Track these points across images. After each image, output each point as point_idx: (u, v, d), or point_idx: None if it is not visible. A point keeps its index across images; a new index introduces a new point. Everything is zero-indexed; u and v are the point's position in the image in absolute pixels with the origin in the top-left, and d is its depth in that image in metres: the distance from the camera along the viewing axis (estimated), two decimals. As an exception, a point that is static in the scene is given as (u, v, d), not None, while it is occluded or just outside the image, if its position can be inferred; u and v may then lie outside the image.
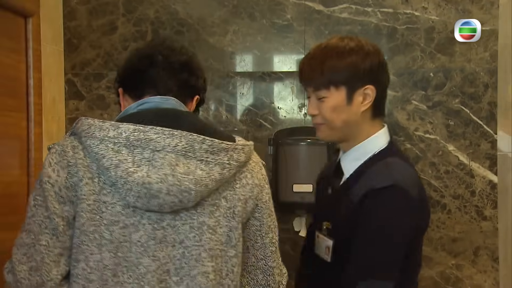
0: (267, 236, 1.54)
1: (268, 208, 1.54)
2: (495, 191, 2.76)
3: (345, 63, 1.66)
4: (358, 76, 1.67)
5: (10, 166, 2.26)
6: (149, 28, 2.86)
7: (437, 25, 2.78)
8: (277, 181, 2.74)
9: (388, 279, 1.62)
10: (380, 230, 1.63)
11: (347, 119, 1.69)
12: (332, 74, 1.67)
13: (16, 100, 2.31)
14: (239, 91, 2.87)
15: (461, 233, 2.78)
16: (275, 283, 1.56)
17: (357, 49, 1.68)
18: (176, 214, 1.43)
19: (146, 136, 1.40)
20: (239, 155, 1.48)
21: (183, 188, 1.38)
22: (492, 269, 2.76)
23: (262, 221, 1.53)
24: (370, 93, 1.68)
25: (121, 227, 1.41)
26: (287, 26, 2.84)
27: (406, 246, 1.66)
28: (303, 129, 2.82)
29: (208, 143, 1.42)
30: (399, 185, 1.61)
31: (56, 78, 2.68)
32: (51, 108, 2.59)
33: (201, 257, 1.43)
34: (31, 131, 2.36)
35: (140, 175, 1.37)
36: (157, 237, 1.42)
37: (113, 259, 1.41)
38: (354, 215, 1.64)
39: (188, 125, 1.44)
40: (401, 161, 1.70)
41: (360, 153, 1.72)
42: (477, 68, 2.77)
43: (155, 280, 1.41)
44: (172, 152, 1.40)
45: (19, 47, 2.33)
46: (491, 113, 2.77)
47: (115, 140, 1.41)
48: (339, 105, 1.68)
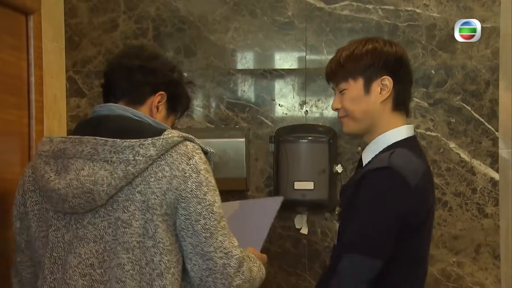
0: (197, 223, 1.61)
1: (196, 196, 1.61)
2: (496, 189, 2.76)
3: (361, 55, 1.80)
4: (374, 67, 1.79)
5: (11, 163, 2.26)
6: (150, 26, 2.86)
7: (439, 23, 2.78)
8: (278, 179, 2.75)
9: (373, 256, 1.67)
10: (369, 207, 1.69)
11: (366, 109, 1.80)
12: (349, 66, 1.80)
13: (17, 98, 2.31)
14: (240, 89, 2.87)
15: (462, 230, 2.78)
16: (216, 266, 1.62)
17: (373, 43, 1.82)
18: (95, 212, 1.60)
19: (64, 146, 1.63)
20: (147, 149, 1.58)
21: (85, 189, 1.56)
22: (493, 266, 2.77)
23: (189, 210, 1.61)
24: (387, 83, 1.79)
25: (54, 230, 1.64)
26: (288, 24, 2.84)
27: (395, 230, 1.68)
28: (304, 127, 2.82)
29: (110, 143, 1.59)
30: (394, 168, 1.68)
31: (57, 76, 2.68)
32: (53, 106, 2.59)
33: (117, 250, 1.58)
34: (32, 129, 2.36)
35: (54, 183, 1.60)
36: (79, 235, 1.61)
37: (49, 258, 1.64)
38: (352, 196, 1.73)
39: (105, 130, 1.63)
40: (409, 152, 1.76)
41: (378, 145, 1.81)
42: (479, 65, 2.77)
43: (77, 274, 1.59)
44: (79, 157, 1.60)
45: (20, 44, 2.33)
46: (493, 110, 2.76)
47: (46, 153, 1.66)
48: (358, 95, 1.81)
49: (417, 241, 1.77)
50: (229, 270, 1.63)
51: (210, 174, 1.67)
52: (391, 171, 1.68)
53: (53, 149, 1.65)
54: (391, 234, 1.68)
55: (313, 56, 2.85)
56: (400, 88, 1.82)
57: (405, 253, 1.73)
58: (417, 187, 1.70)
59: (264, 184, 2.85)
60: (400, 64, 1.83)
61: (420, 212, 1.74)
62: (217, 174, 2.63)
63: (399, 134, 1.81)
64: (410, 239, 1.73)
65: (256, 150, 2.85)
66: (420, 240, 1.79)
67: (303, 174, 2.71)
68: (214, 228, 1.62)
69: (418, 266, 1.81)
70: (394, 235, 1.69)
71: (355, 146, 2.82)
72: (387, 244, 1.69)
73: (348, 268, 1.67)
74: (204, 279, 1.63)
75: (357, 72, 1.80)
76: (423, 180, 1.73)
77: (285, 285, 2.84)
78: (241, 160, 2.73)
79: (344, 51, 1.84)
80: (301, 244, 2.84)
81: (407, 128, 1.84)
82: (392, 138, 1.81)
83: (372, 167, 1.72)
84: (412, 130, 1.86)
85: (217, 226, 1.63)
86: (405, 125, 1.84)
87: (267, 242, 2.80)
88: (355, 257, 1.67)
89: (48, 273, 1.64)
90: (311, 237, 2.83)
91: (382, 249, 1.68)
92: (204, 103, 2.85)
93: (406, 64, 1.85)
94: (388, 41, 1.86)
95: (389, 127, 1.82)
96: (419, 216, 1.74)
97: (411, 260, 1.77)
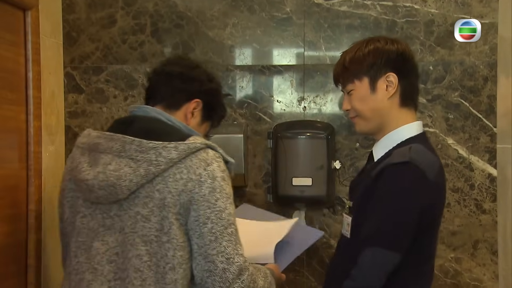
0: (205, 226, 1.70)
1: (207, 201, 1.70)
2: (494, 185, 2.76)
3: (363, 55, 1.84)
4: (377, 65, 1.83)
5: (9, 159, 2.26)
6: (148, 21, 2.85)
7: (437, 19, 2.78)
8: (276, 175, 2.75)
9: (393, 250, 1.72)
10: (390, 201, 1.72)
11: (374, 107, 1.84)
12: (353, 68, 1.85)
13: (15, 94, 2.30)
14: (238, 85, 2.86)
15: (460, 226, 2.79)
16: (216, 269, 1.70)
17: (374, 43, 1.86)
18: (120, 205, 1.73)
19: (98, 141, 1.77)
20: (169, 152, 1.70)
21: (109, 183, 1.69)
22: (491, 262, 2.77)
23: (199, 213, 1.70)
24: (392, 79, 1.83)
25: (81, 216, 1.77)
26: (286, 19, 2.84)
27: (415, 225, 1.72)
28: (302, 123, 2.82)
29: (136, 143, 1.72)
30: (415, 163, 1.71)
31: (55, 72, 2.68)
32: (50, 102, 2.59)
33: (135, 242, 1.70)
34: (30, 125, 2.36)
35: (85, 174, 1.74)
36: (106, 225, 1.74)
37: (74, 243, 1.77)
38: (370, 189, 1.76)
39: (135, 130, 1.77)
40: (425, 148, 1.79)
41: (390, 141, 1.84)
42: (477, 61, 2.77)
43: (104, 261, 1.72)
44: (109, 153, 1.74)
45: (18, 40, 2.33)
46: (491, 106, 2.77)
47: (83, 146, 1.81)
48: (365, 94, 1.85)
49: (430, 236, 1.81)
50: (228, 275, 1.69)
51: (226, 182, 1.74)
52: (412, 166, 1.71)
53: (89, 142, 1.80)
54: (411, 228, 1.72)
55: (311, 52, 2.84)
56: (406, 83, 1.86)
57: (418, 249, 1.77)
58: (435, 182, 1.75)
59: (262, 180, 2.85)
60: (402, 59, 1.86)
61: (436, 208, 1.79)
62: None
63: (412, 130, 1.85)
64: (424, 235, 1.77)
65: (254, 146, 2.85)
66: (432, 236, 1.83)
67: (301, 170, 2.71)
68: (219, 233, 1.70)
69: (427, 262, 1.84)
70: (413, 230, 1.72)
71: (353, 142, 2.82)
72: (407, 238, 1.73)
73: (370, 261, 1.71)
74: (204, 279, 1.71)
75: (361, 72, 1.84)
76: (439, 175, 1.79)
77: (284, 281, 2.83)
78: (239, 156, 2.73)
79: (347, 54, 1.89)
80: (299, 240, 2.84)
81: (418, 124, 1.88)
82: (405, 133, 1.84)
83: (392, 161, 1.75)
84: (421, 127, 1.89)
85: (223, 231, 1.70)
86: (416, 122, 1.88)
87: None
88: (377, 250, 1.71)
89: (72, 256, 1.77)
90: (309, 233, 2.83)
91: (402, 242, 1.72)
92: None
93: (409, 59, 1.88)
94: (390, 39, 1.89)
95: (399, 124, 1.85)
96: (435, 212, 1.79)
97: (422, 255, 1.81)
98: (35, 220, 2.33)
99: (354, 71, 1.85)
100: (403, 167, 1.72)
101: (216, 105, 1.99)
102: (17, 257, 2.29)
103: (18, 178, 2.30)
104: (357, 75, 1.85)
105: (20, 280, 2.30)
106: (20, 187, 2.31)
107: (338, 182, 2.80)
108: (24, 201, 2.32)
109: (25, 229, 2.32)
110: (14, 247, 2.26)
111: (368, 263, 1.71)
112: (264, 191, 2.84)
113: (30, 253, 2.33)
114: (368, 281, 1.72)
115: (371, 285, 1.72)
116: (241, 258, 1.71)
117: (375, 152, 1.89)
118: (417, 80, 1.92)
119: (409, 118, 1.87)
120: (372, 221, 1.74)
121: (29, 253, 2.33)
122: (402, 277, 1.76)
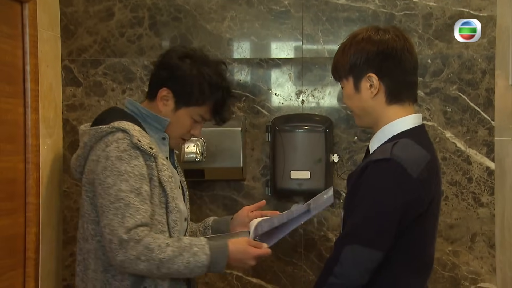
0: (97, 201, 1.96)
1: (99, 178, 1.95)
2: (492, 178, 2.76)
3: (347, 56, 1.85)
4: (358, 66, 1.82)
5: (6, 152, 2.26)
6: (146, 14, 2.85)
7: (435, 12, 2.78)
8: (274, 168, 2.75)
9: (373, 247, 1.72)
10: (370, 198, 1.73)
11: (361, 106, 1.86)
12: (339, 68, 1.88)
13: (13, 86, 2.30)
14: (236, 78, 2.86)
15: (458, 219, 2.79)
16: (105, 239, 1.92)
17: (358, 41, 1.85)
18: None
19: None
20: (85, 137, 2.04)
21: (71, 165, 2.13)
22: (488, 255, 2.78)
23: (95, 189, 1.97)
24: (373, 80, 1.81)
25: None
26: (284, 13, 2.83)
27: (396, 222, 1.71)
28: (300, 116, 2.82)
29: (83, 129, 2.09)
30: (396, 160, 1.71)
31: (52, 64, 2.67)
32: (48, 95, 2.59)
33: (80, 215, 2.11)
34: (28, 118, 2.36)
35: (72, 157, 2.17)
36: None
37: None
38: (354, 186, 1.77)
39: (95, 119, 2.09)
40: (411, 142, 1.77)
41: (385, 134, 1.84)
42: (475, 54, 2.77)
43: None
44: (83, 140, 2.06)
45: (15, 33, 2.32)
46: (489, 99, 2.77)
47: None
48: (351, 93, 1.87)
49: (419, 231, 1.79)
50: (111, 245, 1.89)
51: (123, 161, 1.93)
52: (393, 162, 1.70)
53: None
54: (391, 225, 1.71)
55: (309, 45, 2.84)
56: (389, 82, 1.82)
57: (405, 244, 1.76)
58: (419, 178, 1.72)
59: (260, 173, 2.85)
60: (382, 57, 1.81)
61: (421, 203, 1.76)
62: (213, 164, 2.67)
63: (405, 124, 1.82)
64: (410, 231, 1.75)
65: (253, 139, 2.84)
66: (422, 231, 1.80)
67: (299, 163, 2.72)
68: (106, 208, 1.91)
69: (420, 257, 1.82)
70: (394, 226, 1.71)
71: (351, 136, 2.82)
72: (387, 236, 1.72)
73: (350, 258, 1.71)
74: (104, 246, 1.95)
75: (346, 72, 1.86)
76: (426, 170, 1.75)
77: (282, 274, 2.84)
78: (237, 150, 2.73)
79: (338, 51, 1.90)
80: (297, 234, 2.84)
81: (414, 117, 1.85)
82: (398, 127, 1.82)
83: (375, 158, 1.75)
84: (419, 119, 1.86)
85: (109, 206, 1.91)
86: (412, 115, 1.85)
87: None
88: (356, 247, 1.71)
89: None
90: (307, 226, 2.83)
91: (382, 240, 1.71)
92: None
93: (391, 56, 1.81)
94: (376, 30, 1.84)
95: (390, 119, 1.83)
96: (420, 207, 1.76)
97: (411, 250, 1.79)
98: (34, 213, 2.34)
99: (340, 71, 1.87)
100: (384, 164, 1.71)
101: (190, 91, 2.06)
102: (16, 250, 2.29)
103: (16, 171, 2.30)
104: (344, 74, 1.86)
105: (19, 273, 2.30)
106: (18, 180, 2.31)
107: (336, 175, 2.80)
108: (22, 194, 2.32)
109: (23, 222, 2.32)
110: (12, 240, 2.27)
111: (348, 261, 1.71)
112: (262, 185, 2.84)
113: (28, 245, 2.33)
114: (349, 279, 1.72)
115: (353, 282, 1.72)
116: (124, 230, 1.87)
117: (371, 145, 1.89)
118: (406, 75, 1.84)
119: (401, 113, 1.83)
120: (352, 218, 1.75)
121: (28, 246, 2.33)
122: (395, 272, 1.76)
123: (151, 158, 1.98)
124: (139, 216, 1.90)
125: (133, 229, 1.88)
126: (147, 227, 1.91)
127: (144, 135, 2.02)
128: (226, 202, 2.85)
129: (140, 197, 1.92)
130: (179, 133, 2.13)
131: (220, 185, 2.85)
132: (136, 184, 1.92)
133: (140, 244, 1.87)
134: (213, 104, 2.09)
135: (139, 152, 1.96)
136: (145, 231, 1.89)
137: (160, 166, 2.01)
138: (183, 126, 2.11)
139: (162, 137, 2.11)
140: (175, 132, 2.12)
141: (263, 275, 2.85)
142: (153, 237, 1.90)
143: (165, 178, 2.02)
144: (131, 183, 1.91)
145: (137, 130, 1.99)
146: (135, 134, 1.96)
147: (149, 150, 1.97)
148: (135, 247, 1.86)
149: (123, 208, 1.89)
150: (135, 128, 2.00)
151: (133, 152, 1.94)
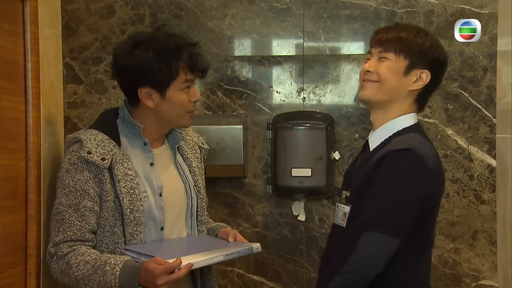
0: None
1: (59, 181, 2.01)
2: (493, 175, 2.76)
3: (417, 39, 1.86)
4: (424, 58, 1.86)
5: (8, 149, 2.25)
6: (147, 12, 2.84)
7: (436, 9, 2.77)
8: (275, 166, 2.75)
9: (392, 235, 1.73)
10: (391, 187, 1.74)
11: (396, 86, 1.87)
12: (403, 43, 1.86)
13: (14, 84, 2.29)
14: (237, 75, 2.86)
15: (459, 217, 2.79)
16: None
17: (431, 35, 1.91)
18: None
19: None
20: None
21: None
22: (490, 252, 2.78)
23: None
24: (424, 77, 1.87)
25: None
26: (285, 10, 2.83)
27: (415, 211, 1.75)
28: (301, 113, 2.82)
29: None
30: (415, 151, 1.75)
31: (54, 62, 2.67)
32: (49, 92, 2.58)
33: None
34: (29, 115, 2.35)
35: None
36: None
37: None
38: (370, 177, 1.78)
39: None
40: (422, 137, 1.84)
41: (387, 130, 1.87)
42: (476, 51, 2.76)
43: None
44: None
45: (17, 30, 2.32)
46: (490, 97, 2.76)
47: None
48: (398, 69, 1.86)
49: (429, 224, 1.84)
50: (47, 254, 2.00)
51: (69, 174, 1.97)
52: (414, 153, 1.75)
53: None
54: (412, 214, 1.74)
55: (310, 42, 2.84)
56: (429, 87, 1.90)
57: (418, 235, 1.79)
58: (435, 169, 1.78)
59: (262, 171, 2.85)
60: (442, 68, 1.93)
61: (436, 194, 1.82)
62: (214, 161, 2.67)
63: (407, 121, 1.88)
64: (424, 221, 1.79)
65: (254, 137, 2.84)
66: (431, 223, 1.86)
67: (300, 161, 2.72)
68: (51, 218, 2.01)
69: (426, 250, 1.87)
70: (414, 216, 1.75)
71: (352, 133, 2.82)
72: (407, 224, 1.74)
73: (369, 245, 1.72)
74: None
75: (409, 53, 1.86)
76: (437, 163, 1.82)
77: (283, 272, 2.85)
78: (239, 147, 2.73)
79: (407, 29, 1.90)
80: (298, 231, 2.84)
81: (413, 115, 1.91)
82: (400, 124, 1.87)
83: (394, 148, 1.77)
84: (416, 118, 1.93)
85: (52, 217, 2.00)
86: (413, 113, 1.91)
87: (264, 229, 2.81)
88: (376, 235, 1.72)
89: None
90: (308, 223, 2.84)
91: (401, 228, 1.73)
92: (202, 90, 2.84)
93: (443, 71, 1.95)
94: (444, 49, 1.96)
95: (399, 113, 1.88)
96: (434, 199, 1.81)
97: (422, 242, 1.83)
98: (35, 211, 2.33)
99: (404, 47, 1.86)
100: (405, 154, 1.74)
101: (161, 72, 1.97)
102: (17, 247, 2.29)
103: (17, 169, 2.30)
104: (404, 52, 1.86)
105: (20, 270, 2.30)
106: (19, 177, 2.31)
107: (337, 172, 2.80)
108: (23, 191, 2.32)
109: (24, 220, 2.32)
110: (14, 237, 2.27)
111: (367, 247, 1.72)
112: (264, 182, 2.84)
113: (29, 243, 2.32)
114: (367, 265, 1.72)
115: (370, 269, 1.73)
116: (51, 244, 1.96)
117: (371, 141, 1.90)
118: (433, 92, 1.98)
119: (410, 111, 1.91)
120: (372, 206, 1.76)
121: (29, 243, 2.32)
122: (402, 265, 1.77)
123: (104, 171, 1.94)
124: (70, 233, 1.94)
125: (60, 244, 1.94)
126: (76, 242, 1.94)
127: (104, 145, 1.97)
128: (227, 199, 2.85)
129: (78, 213, 1.94)
130: (183, 110, 2.05)
131: (221, 182, 2.85)
132: (76, 199, 1.95)
133: (62, 259, 1.94)
134: (186, 65, 2.01)
135: (86, 166, 1.95)
136: (70, 247, 1.94)
137: (120, 177, 1.96)
138: (181, 102, 2.03)
139: (143, 143, 2.06)
140: (179, 111, 2.04)
141: (264, 272, 2.86)
142: (76, 254, 1.92)
143: (123, 190, 1.96)
144: (71, 198, 1.95)
145: (96, 140, 1.97)
146: (87, 145, 1.95)
147: (98, 162, 1.93)
148: (58, 262, 1.95)
149: (59, 222, 1.96)
150: (96, 138, 1.98)
151: (80, 165, 1.95)
